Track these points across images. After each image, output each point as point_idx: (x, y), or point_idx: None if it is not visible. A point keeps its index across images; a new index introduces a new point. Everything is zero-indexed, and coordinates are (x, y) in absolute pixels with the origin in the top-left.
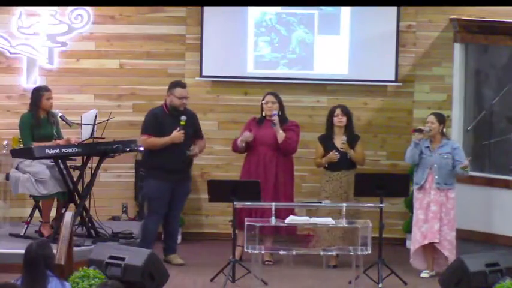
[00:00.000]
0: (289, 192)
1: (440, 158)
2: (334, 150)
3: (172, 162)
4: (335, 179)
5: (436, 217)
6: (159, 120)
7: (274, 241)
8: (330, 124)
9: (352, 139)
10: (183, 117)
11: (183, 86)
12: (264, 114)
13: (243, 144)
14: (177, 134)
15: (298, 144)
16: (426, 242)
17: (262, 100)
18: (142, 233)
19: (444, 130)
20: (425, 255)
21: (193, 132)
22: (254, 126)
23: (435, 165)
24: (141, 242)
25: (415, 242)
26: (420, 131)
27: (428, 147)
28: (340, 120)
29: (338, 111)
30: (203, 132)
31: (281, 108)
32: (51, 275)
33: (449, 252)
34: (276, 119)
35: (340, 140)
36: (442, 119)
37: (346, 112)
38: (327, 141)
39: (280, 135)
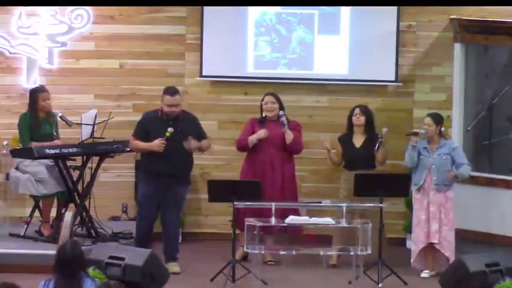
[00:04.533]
0: (295, 191)
1: (439, 159)
2: (378, 143)
3: (161, 167)
4: (352, 179)
5: (434, 218)
6: (147, 124)
7: (275, 241)
8: (349, 123)
9: (373, 139)
10: (170, 129)
11: (172, 93)
12: (264, 115)
13: (256, 141)
14: (156, 143)
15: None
16: (428, 242)
17: (262, 101)
18: (135, 236)
19: (442, 129)
20: (425, 256)
21: (196, 137)
22: (257, 126)
23: (433, 166)
24: (135, 243)
25: (418, 242)
26: (415, 134)
27: (426, 147)
28: (358, 118)
29: (357, 110)
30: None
31: (281, 108)
32: (85, 275)
33: (450, 252)
34: (285, 119)
35: (359, 140)
36: (439, 120)
37: (365, 111)
38: (346, 140)
39: (289, 135)
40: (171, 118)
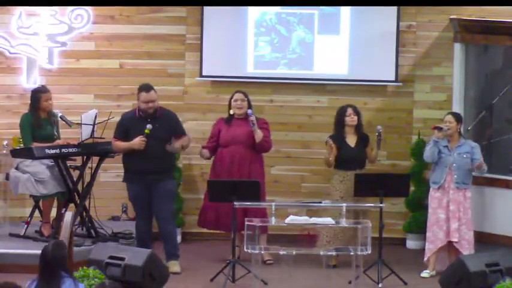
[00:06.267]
0: (263, 191)
1: (459, 158)
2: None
3: (143, 165)
4: (348, 179)
5: (454, 216)
6: (126, 124)
7: (269, 240)
8: (340, 124)
9: (365, 138)
10: (149, 126)
11: (147, 90)
12: (232, 113)
13: (206, 157)
14: (136, 141)
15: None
16: (447, 240)
17: (231, 98)
18: (136, 236)
19: (462, 129)
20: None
21: (173, 134)
22: (223, 125)
23: (454, 165)
24: (136, 244)
25: (435, 241)
26: (440, 129)
27: (446, 146)
28: (352, 119)
29: (350, 110)
30: (186, 131)
31: (249, 106)
32: (66, 275)
33: (469, 251)
34: (254, 118)
35: (352, 140)
36: (460, 118)
37: (357, 111)
38: (339, 140)
39: (258, 134)
40: (149, 116)
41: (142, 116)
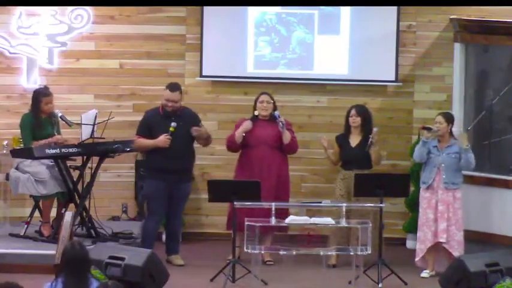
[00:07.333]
0: (288, 191)
1: (448, 158)
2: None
3: (167, 163)
4: (349, 177)
5: (443, 217)
6: (149, 121)
7: (273, 241)
8: (347, 124)
9: (368, 139)
10: (173, 124)
11: (172, 89)
12: (257, 114)
13: (243, 134)
14: (162, 139)
15: None
16: (435, 241)
17: (257, 100)
18: (142, 233)
19: (453, 129)
20: (426, 255)
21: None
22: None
23: (443, 165)
24: (141, 243)
25: (425, 241)
26: (428, 129)
27: (436, 146)
28: (354, 120)
29: (353, 111)
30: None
31: (275, 108)
32: (91, 276)
33: (458, 252)
34: (283, 120)
35: (355, 140)
36: (451, 119)
37: (360, 112)
38: (342, 140)
39: (287, 135)
40: (172, 114)
41: (166, 114)
